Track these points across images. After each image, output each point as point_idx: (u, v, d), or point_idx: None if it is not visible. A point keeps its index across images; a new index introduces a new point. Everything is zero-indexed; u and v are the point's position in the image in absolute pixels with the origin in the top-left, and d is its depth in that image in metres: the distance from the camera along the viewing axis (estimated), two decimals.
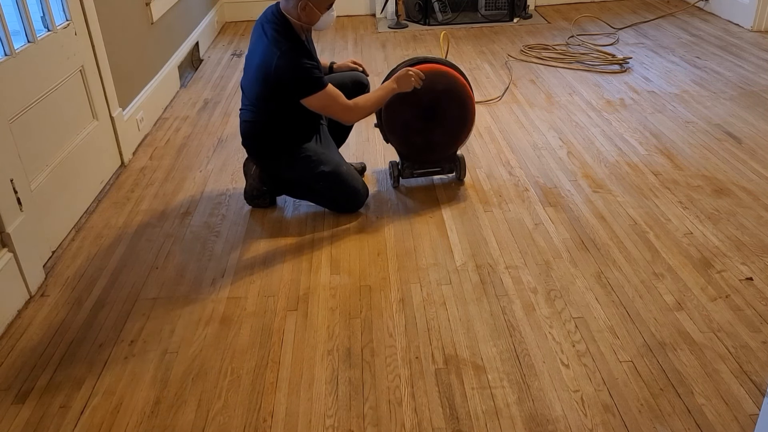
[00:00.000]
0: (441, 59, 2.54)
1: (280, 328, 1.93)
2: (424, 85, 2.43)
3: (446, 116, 2.50)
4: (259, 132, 2.40)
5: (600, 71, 3.81)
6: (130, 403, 1.69)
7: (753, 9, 4.33)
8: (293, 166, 2.42)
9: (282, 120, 2.36)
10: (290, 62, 2.21)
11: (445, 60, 2.54)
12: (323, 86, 2.25)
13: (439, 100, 2.48)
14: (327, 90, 2.26)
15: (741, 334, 1.82)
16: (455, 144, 2.58)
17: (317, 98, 2.25)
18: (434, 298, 2.02)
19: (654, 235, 2.27)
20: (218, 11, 5.04)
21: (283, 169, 2.45)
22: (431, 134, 2.54)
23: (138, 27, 3.29)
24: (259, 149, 2.44)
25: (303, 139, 2.43)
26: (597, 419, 1.58)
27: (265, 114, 2.37)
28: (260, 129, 2.39)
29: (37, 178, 2.24)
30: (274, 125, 2.38)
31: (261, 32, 2.30)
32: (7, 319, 1.99)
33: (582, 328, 1.87)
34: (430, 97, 2.47)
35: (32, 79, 2.25)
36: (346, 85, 2.54)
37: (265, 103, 2.34)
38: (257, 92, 2.34)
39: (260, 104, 2.35)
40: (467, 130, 2.55)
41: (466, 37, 4.61)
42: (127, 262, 2.27)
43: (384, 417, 1.62)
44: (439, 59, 2.54)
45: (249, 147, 2.46)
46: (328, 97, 2.27)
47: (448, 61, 2.54)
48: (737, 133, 2.97)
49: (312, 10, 2.24)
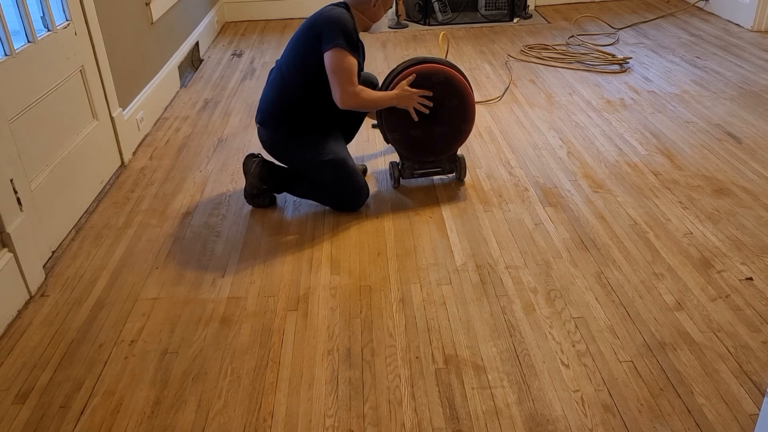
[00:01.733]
0: (440, 59, 2.54)
1: (280, 328, 1.93)
2: (423, 83, 2.45)
3: (446, 112, 2.51)
4: (284, 107, 2.44)
5: (600, 71, 3.81)
6: (130, 403, 1.69)
7: (753, 9, 4.33)
8: (303, 148, 2.43)
9: (308, 99, 2.41)
10: (337, 21, 2.33)
11: (444, 60, 2.55)
12: (348, 51, 2.32)
13: (439, 95, 2.48)
14: (349, 57, 2.33)
15: (741, 334, 1.82)
16: (456, 141, 2.58)
17: (338, 55, 2.31)
18: (434, 298, 2.02)
19: (654, 235, 2.27)
20: (218, 11, 5.04)
21: (291, 152, 2.46)
22: (431, 131, 2.53)
23: (138, 27, 3.29)
24: (277, 125, 2.46)
25: (320, 127, 2.46)
26: (597, 419, 1.58)
27: (296, 87, 2.42)
28: (287, 103, 2.44)
29: (37, 178, 2.24)
30: (302, 102, 2.42)
31: (313, 20, 2.40)
32: (7, 319, 1.99)
33: (582, 328, 1.87)
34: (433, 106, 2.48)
35: (32, 79, 2.25)
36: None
37: (297, 74, 2.41)
38: (294, 57, 2.42)
39: (292, 75, 2.42)
40: (468, 127, 2.55)
41: (466, 37, 4.61)
42: (127, 262, 2.27)
43: (384, 417, 1.62)
44: (438, 59, 2.54)
45: (268, 122, 2.48)
46: (346, 61, 2.33)
47: (447, 61, 2.54)
48: (737, 133, 2.97)
49: (379, 8, 2.47)
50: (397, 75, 2.52)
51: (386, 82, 2.54)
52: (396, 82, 2.50)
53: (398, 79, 2.50)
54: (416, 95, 2.43)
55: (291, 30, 4.96)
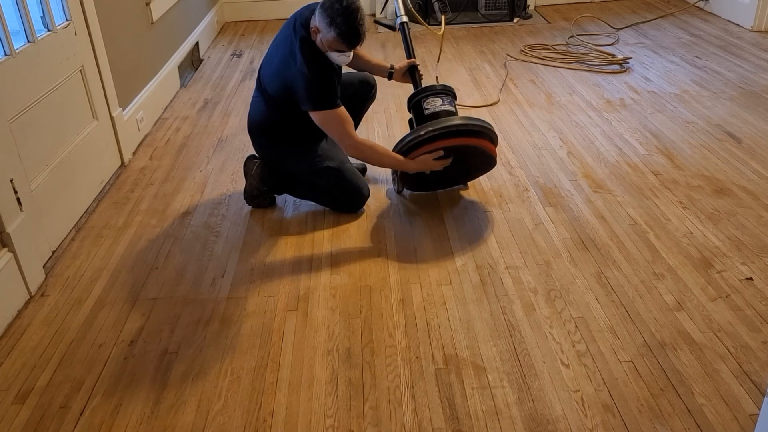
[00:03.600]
0: (476, 125, 2.28)
1: (280, 328, 1.93)
2: (451, 151, 2.28)
3: (467, 164, 2.44)
4: (270, 125, 2.40)
5: (600, 71, 3.81)
6: (129, 403, 1.69)
7: (753, 9, 4.33)
8: (298, 158, 2.41)
9: (295, 119, 2.32)
10: (306, 73, 2.16)
11: (479, 125, 2.28)
12: (332, 106, 2.20)
13: (463, 155, 2.34)
14: (333, 113, 2.20)
15: (741, 334, 1.82)
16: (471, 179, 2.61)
17: (320, 116, 2.21)
18: (434, 298, 2.02)
19: (654, 235, 2.27)
20: (218, 11, 5.04)
21: (288, 163, 2.45)
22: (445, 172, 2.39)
23: (138, 27, 3.29)
24: (268, 142, 2.44)
25: (311, 137, 2.42)
26: (597, 419, 1.58)
27: (279, 110, 2.35)
28: (272, 123, 2.39)
29: (37, 178, 2.24)
30: (286, 122, 2.36)
31: (292, 31, 2.23)
32: (7, 319, 1.99)
33: (582, 328, 1.87)
34: (455, 158, 2.34)
35: (32, 79, 2.25)
36: (353, 84, 2.54)
37: (280, 102, 2.31)
38: (274, 90, 2.31)
39: (275, 101, 2.33)
40: (486, 172, 2.56)
41: (466, 37, 4.61)
42: (127, 262, 2.27)
43: (384, 417, 1.62)
44: (475, 125, 2.28)
45: (257, 138, 2.45)
46: (332, 120, 2.21)
47: (481, 126, 2.28)
48: (737, 133, 2.97)
49: (323, 45, 2.17)
50: (422, 143, 2.27)
51: (407, 146, 2.30)
52: (419, 152, 2.29)
53: (422, 150, 2.27)
54: (432, 159, 2.27)
55: None
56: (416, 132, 2.29)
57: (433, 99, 2.42)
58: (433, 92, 2.44)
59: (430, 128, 2.26)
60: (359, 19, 2.10)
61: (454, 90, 2.52)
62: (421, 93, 2.45)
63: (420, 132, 2.27)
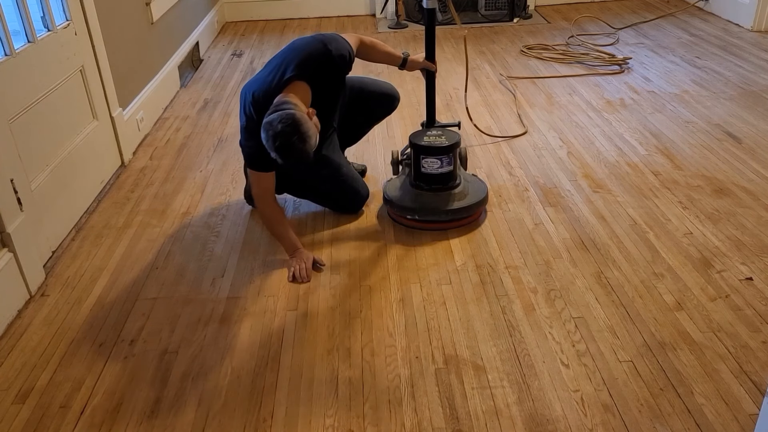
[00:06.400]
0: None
1: (280, 328, 1.93)
2: None
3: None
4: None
5: (600, 72, 3.81)
6: (130, 403, 1.69)
7: (753, 9, 4.33)
8: (295, 165, 2.41)
9: None
10: (244, 135, 2.17)
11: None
12: (253, 167, 2.18)
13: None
14: (256, 173, 2.18)
15: (741, 334, 1.82)
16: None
17: (250, 172, 2.21)
18: (434, 298, 2.02)
19: (654, 235, 2.27)
20: (218, 11, 5.04)
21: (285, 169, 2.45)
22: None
23: (138, 27, 3.29)
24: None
25: None
26: (597, 419, 1.58)
27: None
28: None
29: (37, 178, 2.24)
30: None
31: (241, 107, 2.22)
32: (7, 319, 1.99)
33: (582, 328, 1.87)
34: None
35: (32, 79, 2.25)
36: (375, 96, 2.52)
37: None
38: None
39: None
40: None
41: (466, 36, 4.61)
42: (127, 262, 2.27)
43: (384, 417, 1.62)
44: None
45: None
46: (254, 178, 2.20)
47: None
48: (737, 133, 2.97)
49: None
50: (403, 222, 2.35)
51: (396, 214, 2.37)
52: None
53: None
54: (304, 272, 2.14)
55: (291, 30, 4.96)
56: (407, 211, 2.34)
57: (431, 160, 2.32)
58: (432, 153, 2.32)
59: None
60: (291, 144, 1.93)
61: (460, 137, 2.38)
62: (421, 151, 2.33)
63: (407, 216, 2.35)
